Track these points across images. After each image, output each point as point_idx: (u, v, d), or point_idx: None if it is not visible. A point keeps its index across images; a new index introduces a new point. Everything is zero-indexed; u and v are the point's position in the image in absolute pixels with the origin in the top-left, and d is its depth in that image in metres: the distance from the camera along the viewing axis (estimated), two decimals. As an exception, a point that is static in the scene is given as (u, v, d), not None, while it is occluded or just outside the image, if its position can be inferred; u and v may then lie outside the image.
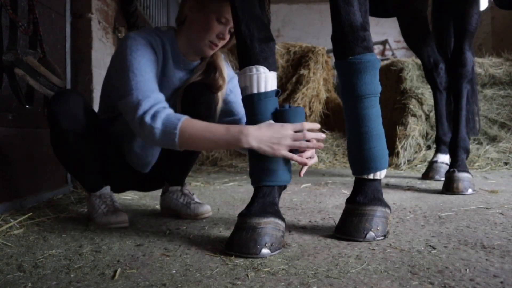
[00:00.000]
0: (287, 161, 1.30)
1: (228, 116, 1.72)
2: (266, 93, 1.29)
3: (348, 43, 1.28)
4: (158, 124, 1.29)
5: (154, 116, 1.31)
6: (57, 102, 1.51)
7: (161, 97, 1.39)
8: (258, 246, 1.14)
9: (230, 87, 1.70)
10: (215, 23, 1.52)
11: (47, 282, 0.99)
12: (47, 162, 2.20)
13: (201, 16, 1.53)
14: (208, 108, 1.60)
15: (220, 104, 1.65)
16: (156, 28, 1.63)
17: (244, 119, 1.47)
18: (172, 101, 1.67)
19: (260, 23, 1.31)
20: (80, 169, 1.64)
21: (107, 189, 1.69)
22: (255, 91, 1.29)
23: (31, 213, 1.73)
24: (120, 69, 1.43)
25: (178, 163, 1.75)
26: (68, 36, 2.52)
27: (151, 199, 2.21)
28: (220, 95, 1.64)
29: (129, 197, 2.26)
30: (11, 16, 1.69)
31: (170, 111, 1.34)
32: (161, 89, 1.58)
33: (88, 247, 1.29)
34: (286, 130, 1.24)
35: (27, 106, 1.81)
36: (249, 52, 1.29)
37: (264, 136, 1.23)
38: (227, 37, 1.57)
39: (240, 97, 1.37)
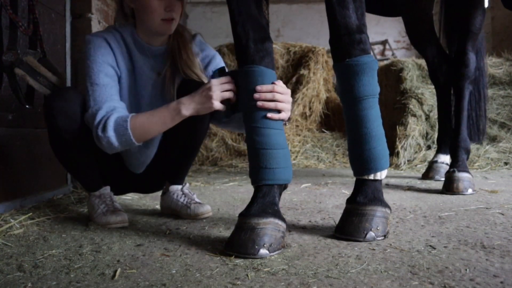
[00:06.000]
0: (286, 159, 1.30)
1: None
2: None
3: (345, 45, 1.29)
4: (110, 133, 1.42)
5: (104, 127, 1.42)
6: (54, 99, 1.53)
7: (112, 104, 1.47)
8: (257, 247, 1.14)
9: (211, 68, 1.67)
10: (155, 1, 1.52)
11: (47, 282, 0.99)
12: (47, 162, 2.20)
13: (140, 1, 1.55)
14: None
15: None
16: (118, 25, 1.66)
17: None
18: (155, 96, 1.67)
19: (256, 23, 1.32)
20: (78, 168, 1.64)
21: (107, 189, 1.69)
22: None
23: (31, 213, 1.73)
24: (85, 77, 1.54)
25: (176, 161, 1.75)
26: (68, 36, 2.53)
27: (151, 199, 2.21)
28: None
29: (129, 197, 2.25)
30: (11, 16, 1.68)
31: (116, 115, 1.43)
32: (135, 80, 1.63)
33: (88, 247, 1.29)
34: (209, 83, 1.37)
35: (27, 106, 1.80)
36: (245, 52, 1.30)
37: (195, 97, 1.39)
38: (177, 5, 1.56)
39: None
